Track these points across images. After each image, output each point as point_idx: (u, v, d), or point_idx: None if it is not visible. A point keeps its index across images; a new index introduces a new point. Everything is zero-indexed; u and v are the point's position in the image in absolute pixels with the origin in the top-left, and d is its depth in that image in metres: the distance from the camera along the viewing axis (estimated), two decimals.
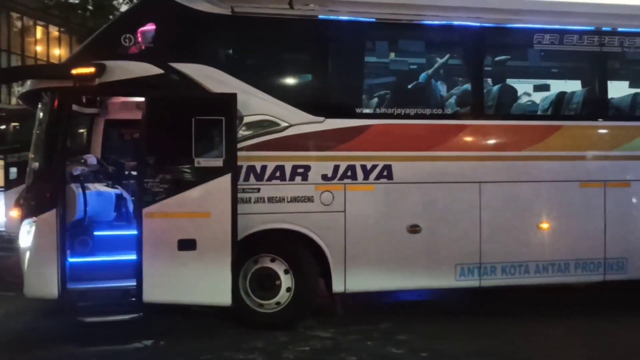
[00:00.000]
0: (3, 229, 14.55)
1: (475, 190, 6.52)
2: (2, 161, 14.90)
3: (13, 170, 14.46)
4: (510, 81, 7.27)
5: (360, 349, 5.68)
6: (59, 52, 25.99)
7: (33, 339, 6.01)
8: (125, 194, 7.10)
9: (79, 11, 19.76)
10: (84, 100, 7.07)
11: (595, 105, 7.01)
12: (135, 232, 6.15)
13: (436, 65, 6.87)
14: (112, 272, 6.08)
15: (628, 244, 6.85)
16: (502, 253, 6.59)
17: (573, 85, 7.62)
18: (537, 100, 7.61)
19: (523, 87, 7.70)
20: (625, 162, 6.86)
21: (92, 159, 6.89)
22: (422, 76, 6.87)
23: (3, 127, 16.27)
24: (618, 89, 7.39)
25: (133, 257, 5.93)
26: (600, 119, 6.96)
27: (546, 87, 7.69)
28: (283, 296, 6.20)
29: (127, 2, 18.98)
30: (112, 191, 6.85)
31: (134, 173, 7.49)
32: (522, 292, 7.09)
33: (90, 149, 7.69)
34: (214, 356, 5.50)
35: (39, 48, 26.00)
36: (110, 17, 20.97)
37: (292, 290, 6.20)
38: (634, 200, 6.92)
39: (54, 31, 25.56)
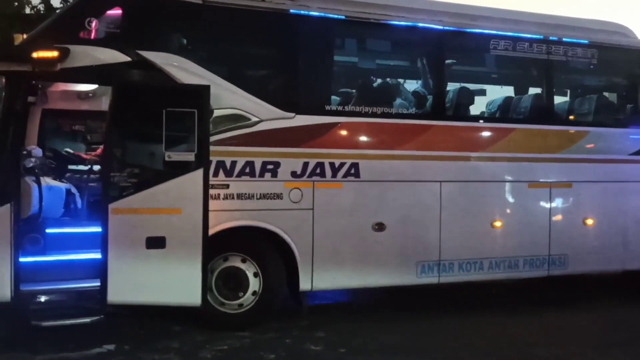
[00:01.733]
0: None
1: (436, 189, 6.69)
2: None
3: None
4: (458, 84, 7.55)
5: (279, 346, 5.66)
6: None
7: None
8: (73, 189, 6.62)
9: None
10: None
11: (543, 110, 7.42)
12: (90, 229, 5.82)
13: (426, 69, 6.95)
14: (66, 272, 5.66)
15: (569, 241, 7.30)
16: (459, 250, 6.82)
17: (508, 91, 8.06)
18: (485, 104, 7.95)
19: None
20: (568, 164, 7.32)
21: (37, 151, 6.34)
22: (420, 84, 6.97)
23: None
24: (562, 96, 7.91)
25: (91, 255, 5.57)
26: (547, 124, 7.36)
27: (483, 92, 8.04)
28: (249, 297, 6.06)
29: None
30: (63, 186, 6.36)
31: (82, 167, 7.08)
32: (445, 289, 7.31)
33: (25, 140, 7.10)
34: (127, 357, 5.27)
35: None
36: (15, 3, 19.50)
37: (259, 291, 6.06)
38: (575, 200, 7.39)
39: None
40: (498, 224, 6.99)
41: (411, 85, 7.32)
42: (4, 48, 10.75)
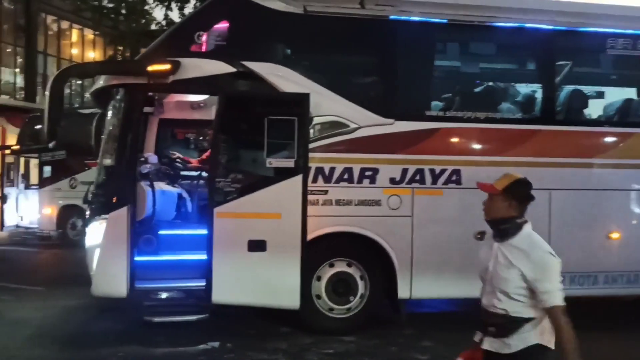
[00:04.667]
0: (36, 227, 14.66)
1: (544, 198, 6.34)
2: (36, 160, 14.97)
3: (47, 169, 14.55)
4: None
5: (384, 353, 5.59)
6: (93, 55, 26.20)
7: (91, 337, 5.97)
8: (185, 194, 7.03)
9: (112, 15, 19.86)
10: None
11: None
12: (198, 232, 6.12)
13: (565, 70, 6.68)
14: (176, 271, 6.01)
15: None
16: (571, 263, 6.38)
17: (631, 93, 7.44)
18: (598, 107, 7.42)
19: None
20: None
21: (153, 158, 6.83)
22: (528, 87, 6.72)
23: (38, 127, 16.42)
24: None
25: (198, 257, 5.86)
26: None
27: (600, 94, 7.49)
28: (357, 301, 6.10)
29: (158, 6, 18.98)
30: (175, 190, 6.78)
31: (192, 173, 7.47)
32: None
33: (144, 148, 7.63)
34: (237, 355, 5.43)
35: (75, 51, 26.28)
36: (143, 21, 21.07)
37: (366, 294, 6.10)
38: None
39: (89, 34, 25.81)
40: (615, 235, 6.50)
41: (518, 88, 6.99)
42: (122, 63, 11.62)
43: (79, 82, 23.74)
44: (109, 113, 6.14)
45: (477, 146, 6.33)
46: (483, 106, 6.36)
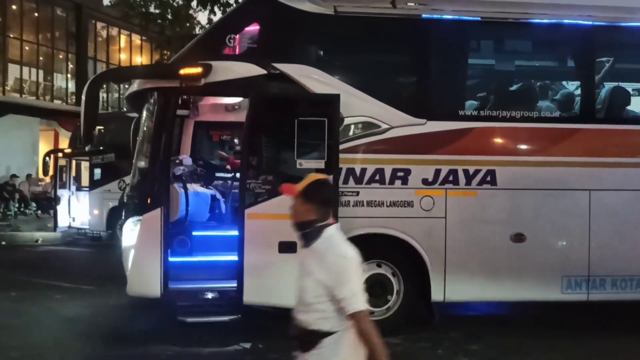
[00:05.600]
0: (87, 227, 15.14)
1: (584, 199, 6.14)
2: (87, 163, 15.44)
3: (97, 172, 14.98)
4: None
5: (431, 356, 5.52)
6: (140, 60, 26.97)
7: (128, 336, 6.12)
8: (218, 195, 7.12)
9: (159, 20, 20.32)
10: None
11: None
12: (231, 233, 6.19)
13: (606, 67, 6.47)
14: (209, 272, 6.08)
15: None
16: (612, 266, 6.18)
17: None
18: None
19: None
20: None
21: (187, 160, 6.94)
22: (565, 85, 6.55)
23: None
24: None
25: (230, 258, 5.91)
26: None
27: None
28: (395, 298, 6.05)
29: (201, 10, 19.33)
30: (208, 192, 6.88)
31: (226, 175, 7.56)
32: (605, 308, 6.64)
33: (180, 150, 7.78)
34: (282, 355, 5.41)
35: (123, 56, 27.10)
36: (187, 25, 21.52)
37: (401, 289, 6.04)
38: None
39: (136, 39, 26.57)
40: None
41: (554, 86, 6.79)
42: (155, 67, 11.81)
43: (127, 86, 24.46)
44: (144, 116, 6.27)
45: (512, 146, 6.18)
46: (518, 105, 6.19)
